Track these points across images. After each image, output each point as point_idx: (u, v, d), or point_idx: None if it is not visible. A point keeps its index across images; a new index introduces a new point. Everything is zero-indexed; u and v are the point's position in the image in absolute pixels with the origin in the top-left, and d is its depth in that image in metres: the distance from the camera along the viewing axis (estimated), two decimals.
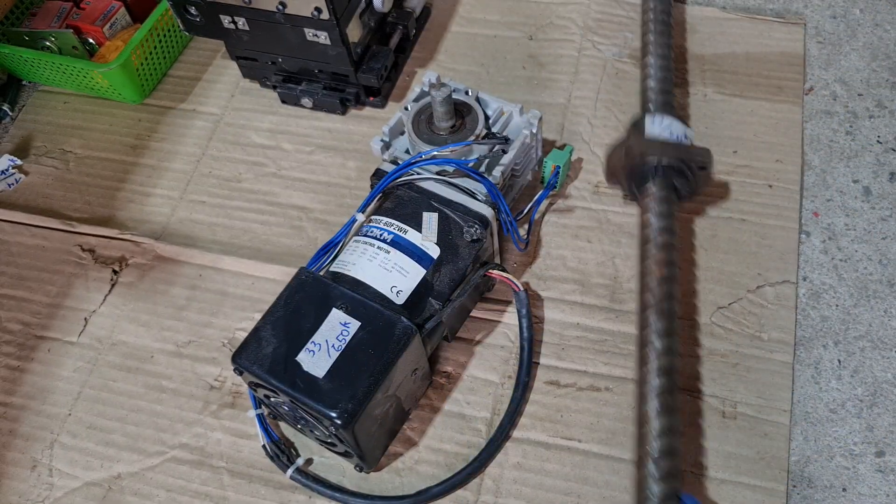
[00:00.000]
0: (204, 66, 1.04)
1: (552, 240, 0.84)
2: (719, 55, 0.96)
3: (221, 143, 0.97)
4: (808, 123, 0.91)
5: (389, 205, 0.76)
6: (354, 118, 0.97)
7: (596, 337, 0.78)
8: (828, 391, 0.75)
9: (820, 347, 0.77)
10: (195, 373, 0.80)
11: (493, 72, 0.98)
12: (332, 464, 0.74)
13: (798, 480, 0.71)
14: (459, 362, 0.78)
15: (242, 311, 0.83)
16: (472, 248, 0.73)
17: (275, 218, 0.90)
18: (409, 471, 0.73)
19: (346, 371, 0.65)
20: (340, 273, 0.72)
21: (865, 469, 0.71)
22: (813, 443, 0.72)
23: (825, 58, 0.96)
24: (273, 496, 0.72)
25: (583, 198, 0.87)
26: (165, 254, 0.88)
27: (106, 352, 0.82)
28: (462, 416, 0.75)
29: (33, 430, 0.78)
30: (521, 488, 0.71)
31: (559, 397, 0.75)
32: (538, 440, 0.73)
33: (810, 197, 0.86)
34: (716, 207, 0.85)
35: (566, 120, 0.93)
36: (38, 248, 0.90)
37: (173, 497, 0.73)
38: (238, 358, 0.67)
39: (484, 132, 0.78)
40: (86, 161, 0.97)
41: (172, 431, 0.77)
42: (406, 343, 0.67)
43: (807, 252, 0.82)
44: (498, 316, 0.80)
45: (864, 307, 0.79)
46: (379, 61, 0.92)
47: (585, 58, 0.98)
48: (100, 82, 0.97)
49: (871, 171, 0.87)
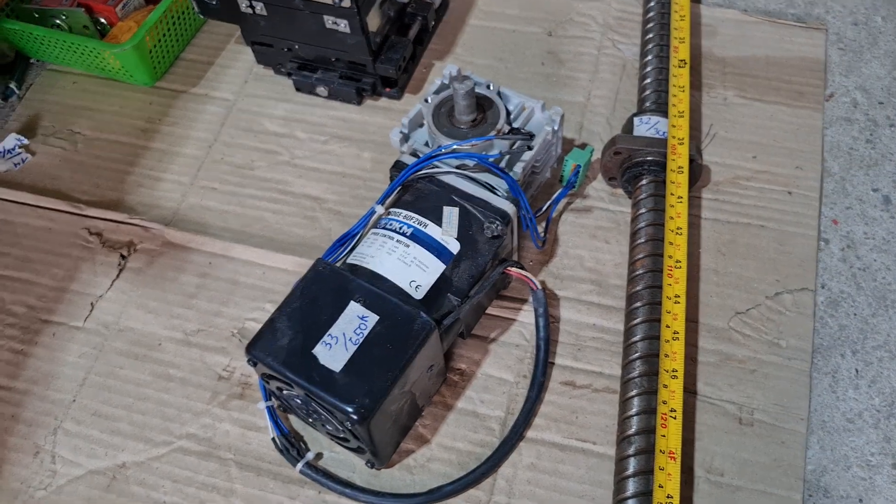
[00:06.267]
0: (217, 51, 1.02)
1: (570, 239, 0.83)
2: (740, 58, 0.96)
3: (234, 129, 0.95)
4: (829, 130, 0.90)
5: (409, 198, 0.74)
6: (370, 109, 0.95)
7: (612, 339, 0.77)
8: (845, 400, 0.74)
9: (838, 356, 0.76)
10: (204, 362, 0.79)
11: (512, 67, 0.97)
12: (343, 459, 0.72)
13: (814, 490, 0.70)
14: (474, 360, 0.77)
15: (253, 300, 0.82)
16: (492, 244, 0.72)
17: (287, 207, 0.88)
18: (421, 468, 0.72)
19: (363, 365, 0.64)
20: (358, 265, 0.70)
21: (882, 480, 0.70)
22: (829, 452, 0.72)
23: (846, 64, 0.95)
24: (282, 490, 0.71)
25: (601, 198, 0.86)
26: (175, 240, 0.86)
27: (112, 338, 0.81)
28: (476, 414, 0.74)
29: (37, 416, 0.77)
30: (534, 489, 0.70)
31: (574, 398, 0.74)
32: (553, 441, 0.72)
33: (829, 204, 0.85)
34: (735, 213, 0.84)
35: (585, 119, 0.92)
36: (44, 230, 0.88)
37: (179, 488, 0.72)
38: (252, 349, 0.66)
39: (507, 127, 0.77)
40: (95, 143, 0.95)
41: (180, 421, 0.76)
42: (424, 339, 0.66)
43: (825, 260, 0.82)
44: (514, 314, 0.79)
45: (882, 317, 0.78)
46: (397, 52, 0.91)
47: (605, 56, 0.97)
48: (111, 63, 0.96)
49: (890, 179, 0.86)
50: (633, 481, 0.66)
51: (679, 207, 0.77)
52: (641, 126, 0.84)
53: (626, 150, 0.81)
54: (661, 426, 0.68)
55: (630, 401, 0.70)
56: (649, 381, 0.70)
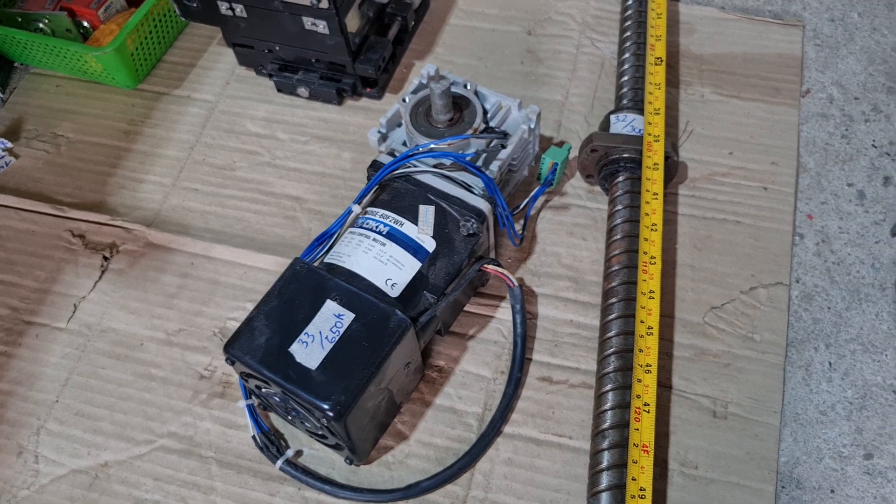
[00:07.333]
0: (199, 53, 1.03)
1: (547, 236, 0.84)
2: (718, 55, 0.96)
3: (215, 130, 0.96)
4: (805, 126, 0.91)
5: (386, 197, 0.75)
6: (351, 109, 0.96)
7: (589, 334, 0.78)
8: (818, 393, 0.75)
9: (811, 350, 0.77)
10: (185, 361, 0.79)
11: (491, 66, 0.98)
12: (322, 456, 0.73)
13: (787, 481, 0.71)
14: (452, 357, 0.78)
15: (234, 300, 0.83)
16: (468, 242, 0.73)
17: (268, 207, 0.89)
18: (399, 464, 0.73)
19: (339, 363, 0.65)
20: (335, 264, 0.71)
21: (854, 471, 0.71)
22: (802, 444, 0.73)
23: (822, 60, 0.96)
24: (261, 487, 0.72)
25: (579, 196, 0.87)
26: (157, 241, 0.87)
27: (95, 338, 0.81)
28: (453, 410, 0.75)
29: (20, 416, 0.77)
30: (511, 484, 0.71)
31: (551, 394, 0.75)
32: (529, 436, 0.73)
33: (805, 199, 0.86)
34: (711, 209, 0.85)
35: (563, 117, 0.92)
36: (27, 233, 0.89)
37: (161, 486, 0.73)
38: (230, 347, 0.67)
39: (482, 126, 0.78)
40: (78, 145, 0.96)
41: (161, 420, 0.76)
42: (400, 336, 0.66)
43: (800, 254, 0.83)
44: (491, 311, 0.80)
45: (855, 310, 0.79)
46: (377, 52, 0.92)
47: (583, 55, 0.98)
48: (94, 66, 0.96)
49: (865, 174, 0.87)
50: (606, 474, 0.67)
51: (654, 204, 0.78)
52: (618, 124, 0.84)
53: (603, 148, 0.82)
54: (634, 420, 0.68)
55: (605, 395, 0.71)
56: (624, 376, 0.71)
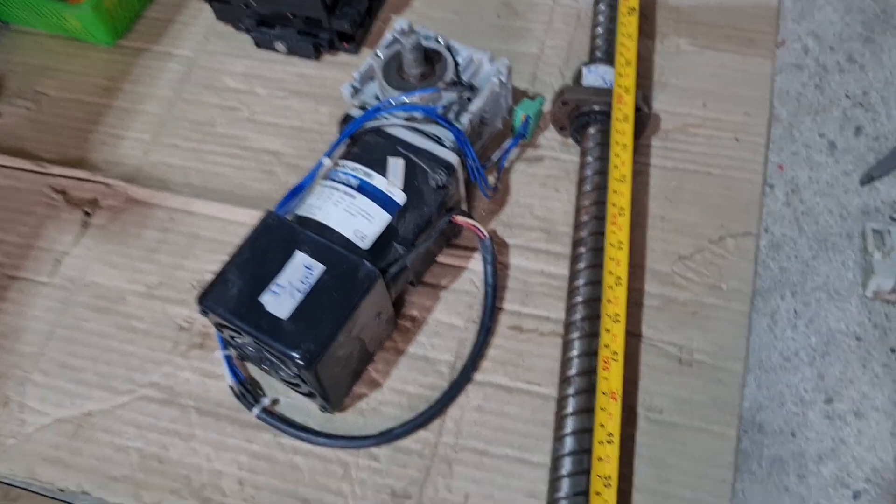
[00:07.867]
0: (178, 8, 1.03)
1: (521, 188, 0.85)
2: (694, 6, 0.96)
3: (195, 86, 0.96)
4: (779, 77, 0.91)
5: (357, 150, 0.76)
6: (328, 64, 0.97)
7: (560, 284, 0.79)
8: (783, 340, 0.77)
9: (777, 298, 0.79)
10: (166, 314, 0.81)
11: (468, 20, 0.98)
12: (298, 405, 0.75)
13: (749, 426, 0.73)
14: (425, 306, 0.79)
15: (213, 253, 0.84)
16: (437, 194, 0.74)
17: (247, 162, 0.90)
18: (372, 412, 0.75)
19: (309, 313, 0.66)
20: (306, 217, 0.73)
21: (814, 415, 0.73)
22: (765, 390, 0.75)
23: (799, 10, 0.96)
24: (239, 434, 0.74)
25: (552, 148, 0.88)
26: (137, 196, 0.88)
27: (78, 292, 0.83)
28: (426, 359, 0.77)
29: (6, 369, 0.79)
30: (481, 430, 0.73)
31: (521, 342, 0.77)
32: (500, 383, 0.75)
33: (776, 150, 0.87)
34: (682, 160, 0.86)
35: (538, 70, 0.93)
36: (9, 189, 0.90)
37: (143, 434, 0.75)
38: (204, 299, 0.68)
39: (453, 80, 0.79)
40: (59, 102, 0.97)
41: (142, 371, 0.78)
42: (369, 287, 0.68)
43: (770, 204, 0.84)
44: (464, 262, 0.81)
45: (822, 259, 0.80)
46: (353, 7, 0.92)
47: (560, 7, 0.98)
48: (72, 23, 0.97)
49: (837, 125, 0.88)
50: (571, 419, 0.69)
51: (624, 156, 0.79)
52: (590, 76, 0.85)
53: (573, 101, 0.82)
54: (602, 369, 0.70)
55: (572, 343, 0.73)
56: (591, 324, 0.73)
